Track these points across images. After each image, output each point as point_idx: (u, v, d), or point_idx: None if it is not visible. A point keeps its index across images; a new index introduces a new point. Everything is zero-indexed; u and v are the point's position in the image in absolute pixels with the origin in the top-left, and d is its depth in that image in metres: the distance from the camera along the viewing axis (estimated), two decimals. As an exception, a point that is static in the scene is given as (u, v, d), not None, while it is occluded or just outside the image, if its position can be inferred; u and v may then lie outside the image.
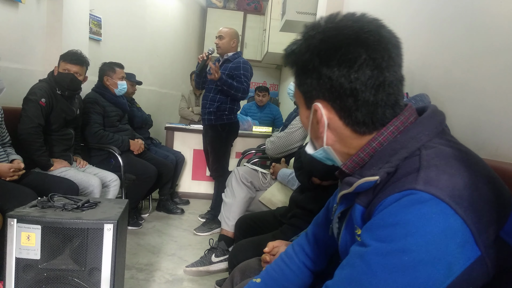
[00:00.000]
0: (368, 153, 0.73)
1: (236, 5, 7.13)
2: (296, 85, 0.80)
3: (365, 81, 0.69)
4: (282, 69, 7.50)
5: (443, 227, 0.58)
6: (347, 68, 0.69)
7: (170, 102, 5.72)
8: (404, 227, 0.59)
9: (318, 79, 0.72)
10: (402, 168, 0.67)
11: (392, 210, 0.62)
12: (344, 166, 0.77)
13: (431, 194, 0.60)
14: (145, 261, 2.49)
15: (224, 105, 3.06)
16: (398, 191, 0.63)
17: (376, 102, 0.71)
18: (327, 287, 0.70)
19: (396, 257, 0.59)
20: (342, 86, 0.70)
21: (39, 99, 2.37)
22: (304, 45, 0.74)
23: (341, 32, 0.71)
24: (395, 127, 0.72)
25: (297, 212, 1.68)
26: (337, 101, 0.72)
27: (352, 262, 0.66)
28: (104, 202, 1.70)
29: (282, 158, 2.49)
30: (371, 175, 0.69)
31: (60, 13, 2.99)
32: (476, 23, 1.34)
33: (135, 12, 4.64)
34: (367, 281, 0.62)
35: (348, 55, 0.69)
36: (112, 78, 3.11)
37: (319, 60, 0.71)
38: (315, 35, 0.73)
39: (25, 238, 1.40)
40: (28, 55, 2.84)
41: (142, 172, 3.12)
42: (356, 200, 0.74)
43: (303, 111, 0.81)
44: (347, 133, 0.75)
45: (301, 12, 3.48)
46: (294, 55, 0.77)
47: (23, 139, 2.31)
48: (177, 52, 6.04)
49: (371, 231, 0.64)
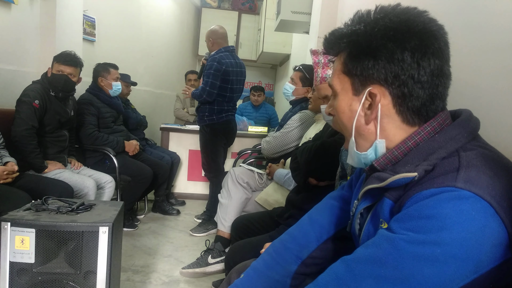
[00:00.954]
0: (402, 151, 0.74)
1: (231, 5, 7.13)
2: (344, 70, 0.78)
3: (431, 70, 0.71)
4: (277, 69, 7.50)
5: (482, 225, 0.58)
6: (421, 54, 0.70)
7: (165, 102, 5.70)
8: (441, 220, 0.59)
9: (387, 62, 0.71)
10: (440, 167, 0.67)
11: (430, 203, 0.62)
12: (377, 162, 0.76)
13: (472, 192, 0.60)
14: (141, 263, 2.48)
15: (203, 106, 3.10)
16: (437, 186, 0.63)
17: (436, 92, 0.72)
18: (344, 261, 0.69)
19: (428, 247, 0.59)
20: (409, 71, 0.70)
21: (33, 101, 2.35)
22: (372, 25, 0.72)
23: (413, 18, 0.71)
24: (432, 127, 0.73)
25: (294, 213, 1.68)
26: (397, 86, 0.72)
27: (379, 242, 0.65)
28: (99, 204, 1.69)
29: (282, 159, 2.49)
30: (406, 172, 0.69)
31: (54, 14, 2.97)
32: (472, 22, 1.35)
33: (130, 12, 4.62)
34: (392, 263, 0.61)
35: (424, 41, 0.70)
36: (107, 79, 3.09)
37: (393, 43, 0.70)
38: (383, 17, 0.72)
39: (19, 242, 1.39)
40: (21, 57, 2.82)
41: (137, 173, 3.11)
42: (386, 194, 0.73)
43: (345, 98, 0.79)
44: (395, 123, 0.75)
45: (296, 11, 3.48)
46: (356, 35, 0.74)
47: (16, 141, 2.29)
48: (172, 52, 6.02)
49: (403, 221, 0.64)
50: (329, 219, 0.99)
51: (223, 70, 2.97)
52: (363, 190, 0.79)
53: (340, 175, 1.36)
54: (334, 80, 0.81)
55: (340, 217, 0.98)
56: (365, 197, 0.81)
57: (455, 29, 1.44)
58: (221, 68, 2.96)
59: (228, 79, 3.02)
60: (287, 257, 0.98)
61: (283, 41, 5.65)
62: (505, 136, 1.15)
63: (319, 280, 0.72)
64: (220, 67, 2.96)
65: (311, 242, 0.98)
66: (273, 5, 4.98)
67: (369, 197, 0.80)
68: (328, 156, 1.53)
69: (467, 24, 1.38)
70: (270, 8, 5.38)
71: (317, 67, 1.31)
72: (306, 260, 0.97)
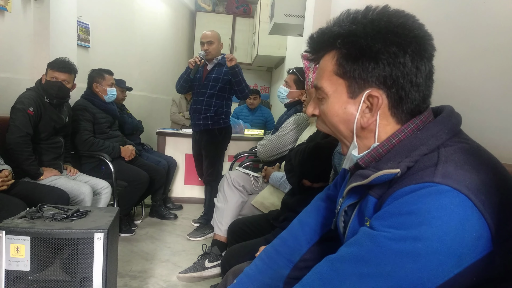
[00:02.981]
0: (386, 148, 0.74)
1: (225, 8, 7.14)
2: (338, 71, 0.75)
3: (426, 73, 0.73)
4: (272, 72, 7.52)
5: (461, 218, 0.59)
6: (419, 58, 0.71)
7: (161, 107, 5.70)
8: (421, 215, 0.60)
9: (388, 65, 0.71)
10: (419, 163, 0.68)
11: (409, 199, 0.63)
12: (361, 160, 0.76)
13: (450, 186, 0.61)
14: (138, 268, 2.47)
15: (221, 109, 3.09)
16: (416, 183, 0.64)
17: (428, 93, 0.75)
18: (329, 260, 0.69)
19: (409, 243, 0.60)
20: (409, 76, 0.71)
21: (27, 108, 2.35)
22: (371, 26, 0.71)
23: (410, 22, 0.72)
24: (415, 125, 0.73)
25: (289, 215, 1.68)
26: (395, 90, 0.72)
27: (361, 241, 0.66)
28: (95, 210, 1.69)
29: (277, 163, 2.49)
30: (389, 168, 0.70)
31: (47, 21, 2.97)
32: (466, 25, 1.36)
33: (124, 17, 4.62)
34: (374, 260, 0.62)
35: (421, 46, 0.71)
36: (102, 85, 3.09)
37: (396, 46, 0.70)
38: (381, 18, 0.72)
39: (15, 250, 1.39)
40: (15, 64, 2.82)
41: (133, 179, 3.11)
42: (370, 192, 0.74)
43: (339, 101, 0.77)
44: (390, 125, 0.75)
45: (289, 15, 3.49)
46: (354, 36, 0.72)
47: (11, 149, 2.29)
48: (167, 56, 6.03)
49: (384, 219, 0.65)
50: (317, 220, 1.00)
51: None
52: (348, 188, 0.79)
53: (333, 178, 1.37)
54: (324, 82, 0.78)
55: (327, 218, 0.99)
56: (350, 194, 0.81)
57: (444, 33, 1.46)
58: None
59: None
60: (279, 261, 0.99)
61: (278, 44, 5.67)
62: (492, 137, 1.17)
63: (304, 280, 0.73)
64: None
65: (302, 245, 0.98)
66: (267, 8, 4.99)
67: (354, 194, 0.80)
68: (322, 158, 1.54)
69: (456, 28, 1.40)
70: (264, 11, 5.40)
71: (308, 71, 1.32)
72: (298, 264, 0.97)
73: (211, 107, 3.05)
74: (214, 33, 3.14)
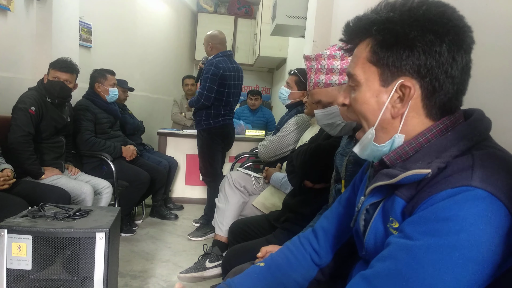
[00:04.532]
0: (413, 147, 0.72)
1: (227, 9, 7.15)
2: (372, 59, 0.74)
3: (462, 66, 0.70)
4: (274, 73, 7.52)
5: (497, 226, 0.58)
6: (456, 48, 0.69)
7: (162, 107, 5.71)
8: (458, 222, 0.59)
9: (423, 53, 0.68)
10: (453, 165, 0.66)
11: (446, 205, 0.61)
12: (387, 157, 0.75)
13: (488, 191, 0.59)
14: (139, 268, 2.48)
15: (200, 111, 3.11)
16: (452, 187, 0.62)
17: (462, 88, 0.73)
18: (365, 277, 0.68)
19: (445, 253, 0.59)
20: (444, 65, 0.69)
21: (29, 108, 2.36)
22: (409, 14, 0.70)
23: (450, 12, 0.70)
24: (444, 125, 0.72)
25: (290, 216, 1.68)
26: (429, 80, 0.70)
27: (395, 254, 0.64)
28: (96, 210, 1.69)
29: (278, 163, 2.50)
30: (418, 169, 0.67)
31: (50, 21, 2.98)
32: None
33: (126, 18, 4.63)
34: (413, 275, 0.61)
35: (460, 36, 0.69)
36: (103, 85, 3.10)
37: (433, 34, 0.68)
38: (420, 6, 0.70)
39: (16, 249, 1.39)
40: (17, 64, 2.82)
41: (134, 179, 3.11)
42: (396, 192, 0.72)
43: (371, 89, 0.75)
44: (419, 117, 0.73)
45: (291, 16, 3.49)
46: (391, 23, 0.70)
47: (13, 148, 2.29)
48: (169, 57, 6.04)
49: (419, 224, 0.63)
50: (338, 227, 0.99)
51: (220, 74, 3.00)
52: (372, 187, 0.77)
53: (335, 179, 1.37)
54: (357, 69, 0.76)
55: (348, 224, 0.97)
56: (373, 193, 0.79)
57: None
58: (218, 72, 2.99)
59: (225, 83, 3.04)
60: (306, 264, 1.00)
61: (279, 45, 5.67)
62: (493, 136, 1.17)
63: None
64: (217, 71, 2.99)
65: (328, 252, 0.99)
66: (269, 9, 5.00)
67: (377, 193, 0.78)
68: (323, 159, 1.54)
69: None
70: (266, 12, 5.41)
71: (310, 72, 1.32)
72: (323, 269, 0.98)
73: (193, 109, 3.15)
74: (206, 35, 3.21)
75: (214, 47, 3.14)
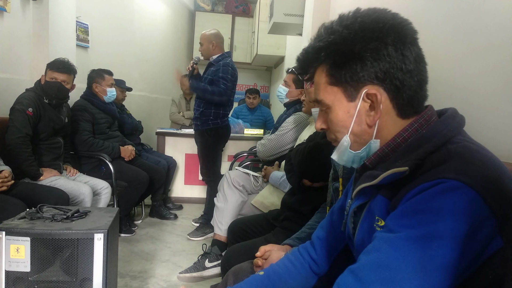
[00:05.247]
0: (392, 148, 0.75)
1: (224, 8, 7.14)
2: (331, 81, 0.78)
3: (414, 58, 0.74)
4: (272, 71, 7.51)
5: (473, 215, 0.60)
6: (402, 45, 0.72)
7: (160, 107, 5.70)
8: (435, 213, 0.61)
9: (374, 60, 0.72)
10: (429, 161, 0.68)
11: (422, 197, 0.63)
12: (368, 161, 0.78)
13: (462, 182, 0.61)
14: (139, 268, 2.47)
15: (208, 110, 3.08)
16: (429, 180, 0.64)
17: (423, 78, 0.76)
18: (351, 271, 0.69)
19: (425, 242, 0.61)
20: (397, 64, 0.72)
21: (26, 109, 2.35)
22: (347, 31, 0.74)
23: (382, 15, 0.74)
24: (419, 124, 0.75)
25: (289, 215, 1.68)
26: (390, 81, 0.73)
27: (379, 247, 0.66)
28: (94, 211, 1.69)
29: (276, 161, 2.49)
30: (397, 167, 0.70)
31: (46, 21, 2.97)
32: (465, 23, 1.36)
33: (123, 17, 4.62)
34: (396, 265, 0.62)
35: (399, 33, 0.73)
36: (101, 85, 3.09)
37: (375, 41, 0.72)
38: (354, 22, 0.74)
39: (14, 251, 1.39)
40: (14, 64, 2.81)
41: (133, 179, 3.11)
42: (379, 192, 0.75)
43: (341, 107, 0.78)
44: (392, 118, 0.76)
45: (288, 14, 3.49)
46: (335, 45, 0.75)
47: (11, 150, 2.29)
48: (167, 56, 6.02)
49: (400, 218, 0.65)
50: (334, 236, 1.01)
51: (236, 76, 3.09)
52: (357, 189, 0.80)
53: (332, 177, 1.37)
54: (322, 94, 0.80)
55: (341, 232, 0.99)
56: (358, 196, 0.82)
57: (444, 32, 1.46)
58: (235, 74, 3.08)
59: (235, 85, 3.13)
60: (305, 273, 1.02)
61: (277, 43, 5.66)
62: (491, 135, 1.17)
63: None
64: (235, 73, 3.07)
65: (325, 262, 1.01)
66: (266, 7, 4.99)
67: (362, 196, 0.81)
68: (321, 158, 1.54)
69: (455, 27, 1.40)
70: (264, 10, 5.40)
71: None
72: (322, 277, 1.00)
73: (200, 108, 3.09)
74: (204, 34, 3.18)
75: (217, 46, 3.14)
